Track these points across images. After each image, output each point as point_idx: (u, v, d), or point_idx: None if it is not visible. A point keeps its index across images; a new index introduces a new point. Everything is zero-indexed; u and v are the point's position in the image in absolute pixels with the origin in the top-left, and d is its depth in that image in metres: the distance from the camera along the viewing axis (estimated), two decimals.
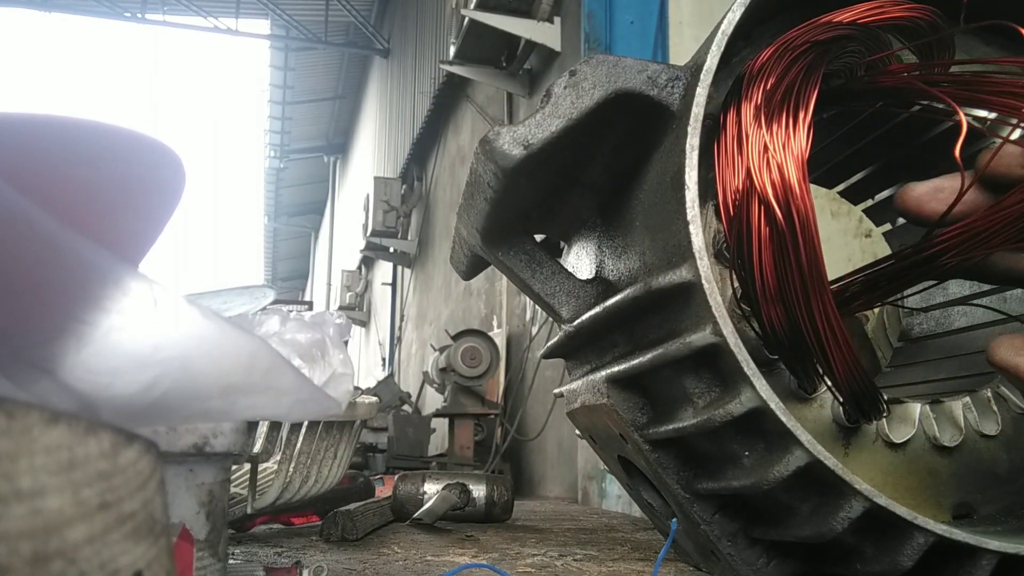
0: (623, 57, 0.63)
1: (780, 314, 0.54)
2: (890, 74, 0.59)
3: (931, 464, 0.63)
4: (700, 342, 0.55)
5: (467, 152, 6.76)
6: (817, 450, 0.53)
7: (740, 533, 0.62)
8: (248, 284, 1.25)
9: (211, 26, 10.70)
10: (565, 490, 4.21)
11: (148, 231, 0.45)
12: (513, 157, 0.61)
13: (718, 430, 0.57)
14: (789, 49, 0.56)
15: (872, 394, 0.58)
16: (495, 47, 5.33)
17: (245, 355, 0.34)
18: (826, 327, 0.53)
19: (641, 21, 3.73)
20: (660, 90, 0.61)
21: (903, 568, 0.54)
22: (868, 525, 0.55)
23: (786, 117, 0.53)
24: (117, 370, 0.31)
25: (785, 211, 0.52)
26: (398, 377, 8.16)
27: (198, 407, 0.34)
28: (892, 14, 0.57)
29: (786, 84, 0.55)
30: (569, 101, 0.61)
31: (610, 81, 0.62)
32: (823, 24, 0.56)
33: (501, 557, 0.80)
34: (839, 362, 0.54)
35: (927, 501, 0.63)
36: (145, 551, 0.23)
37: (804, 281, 0.52)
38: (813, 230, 0.52)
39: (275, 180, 17.22)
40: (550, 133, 0.61)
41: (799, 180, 0.52)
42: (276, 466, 0.80)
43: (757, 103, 0.55)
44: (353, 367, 0.67)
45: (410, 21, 9.40)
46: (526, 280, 0.76)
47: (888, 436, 0.62)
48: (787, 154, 0.52)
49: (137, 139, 0.40)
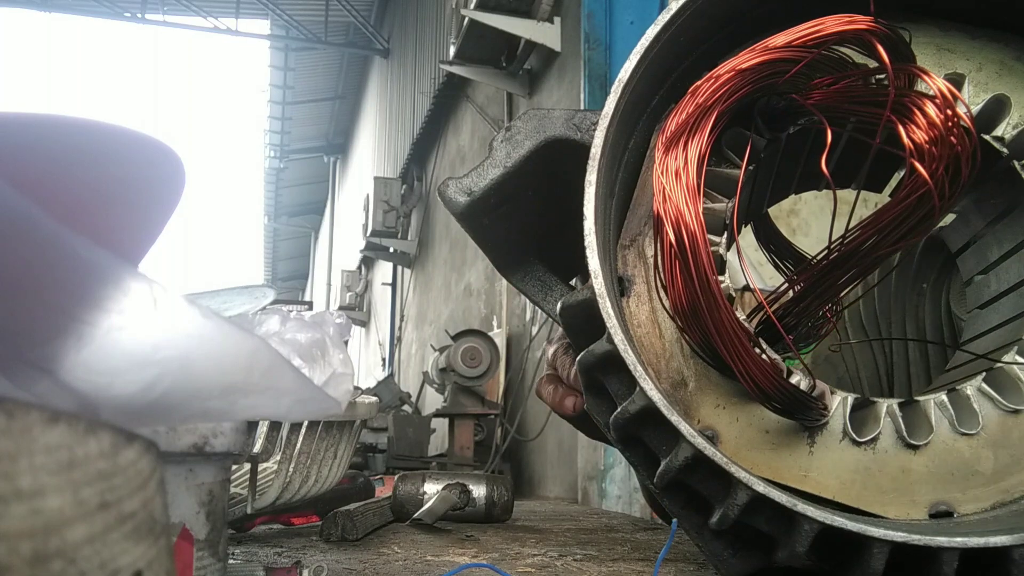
0: (554, 109, 0.72)
1: (695, 328, 0.60)
2: (805, 93, 0.64)
3: (903, 462, 0.64)
4: (599, 349, 0.63)
5: (467, 152, 6.76)
6: (698, 443, 0.58)
7: (704, 526, 0.64)
8: (248, 284, 1.25)
9: (211, 26, 10.71)
10: (565, 490, 4.21)
11: (148, 231, 0.45)
12: (460, 203, 0.71)
13: (628, 425, 0.63)
14: (712, 79, 0.62)
15: (802, 402, 0.61)
16: (495, 47, 5.33)
17: (245, 355, 0.34)
18: (728, 338, 0.59)
19: (641, 21, 3.73)
20: (583, 134, 0.70)
21: (799, 553, 0.57)
22: (774, 515, 0.58)
23: (681, 150, 0.61)
24: (117, 370, 0.31)
25: (677, 235, 0.58)
26: (398, 377, 8.16)
27: (198, 407, 0.34)
28: (829, 31, 0.61)
29: (688, 117, 0.62)
30: (505, 152, 0.71)
31: (539, 132, 0.71)
32: (756, 50, 0.62)
33: (501, 557, 0.80)
34: (750, 371, 0.59)
35: (900, 500, 0.63)
36: (145, 551, 0.23)
37: (703, 298, 0.58)
38: (702, 248, 0.58)
39: (275, 180, 17.22)
40: (490, 180, 0.71)
41: (688, 206, 0.59)
42: (276, 466, 0.80)
43: (666, 136, 0.62)
44: (353, 367, 0.67)
45: (410, 21, 9.39)
46: (539, 303, 0.84)
47: (853, 434, 0.64)
48: (678, 183, 0.60)
49: (137, 139, 0.40)
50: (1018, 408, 0.64)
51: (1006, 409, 0.64)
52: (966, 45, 0.71)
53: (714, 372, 0.66)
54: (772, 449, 0.65)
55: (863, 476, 0.64)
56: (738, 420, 0.66)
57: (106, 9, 9.89)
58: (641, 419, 0.62)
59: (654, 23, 0.66)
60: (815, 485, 0.64)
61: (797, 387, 0.61)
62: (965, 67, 0.70)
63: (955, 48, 0.71)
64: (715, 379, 0.66)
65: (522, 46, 5.07)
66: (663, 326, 0.67)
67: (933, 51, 0.71)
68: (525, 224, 0.79)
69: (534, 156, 0.71)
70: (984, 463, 0.63)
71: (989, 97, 0.68)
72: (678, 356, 0.67)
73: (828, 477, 0.64)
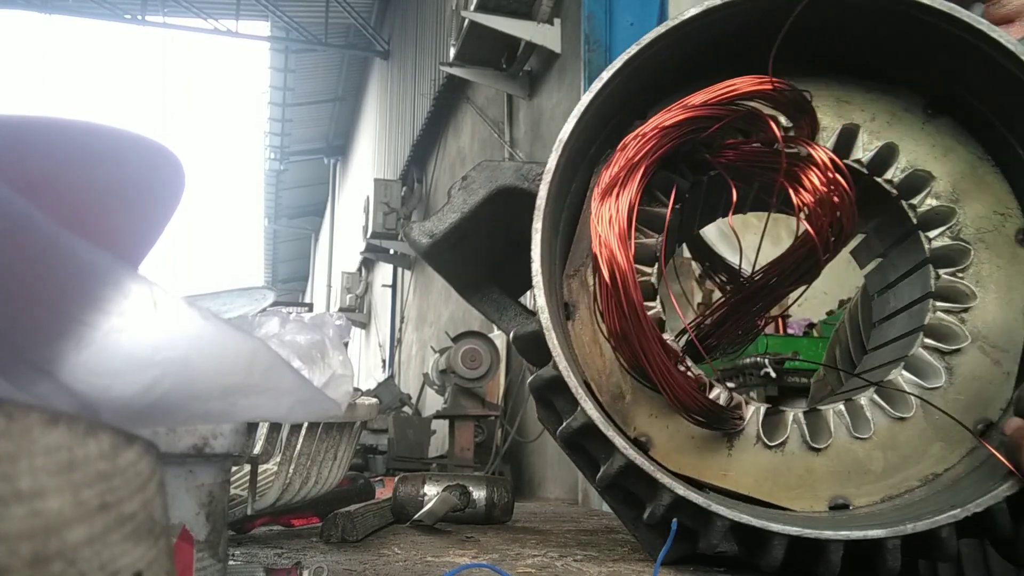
0: (504, 160, 0.84)
1: (627, 351, 0.71)
2: (718, 151, 0.75)
3: (808, 463, 0.75)
4: (547, 374, 0.73)
5: (467, 154, 6.76)
6: (629, 454, 0.69)
7: (639, 519, 0.74)
8: (248, 286, 1.25)
9: (211, 28, 10.70)
10: (565, 491, 4.21)
11: (148, 233, 0.45)
12: (423, 244, 0.83)
13: (572, 436, 0.73)
14: (639, 136, 0.72)
15: (717, 415, 0.72)
16: (495, 49, 5.33)
17: (245, 356, 0.34)
18: (654, 360, 0.69)
19: (641, 23, 3.73)
20: (530, 183, 0.80)
21: (714, 544, 0.68)
22: (694, 512, 0.68)
23: (615, 199, 0.71)
24: (117, 371, 0.31)
25: (610, 273, 0.68)
26: (398, 379, 8.15)
27: (198, 408, 0.34)
28: (741, 90, 0.71)
29: (618, 172, 0.71)
30: (462, 199, 0.82)
31: (491, 181, 0.82)
32: (675, 109, 0.72)
33: (501, 558, 0.80)
34: (672, 388, 0.70)
35: (804, 495, 0.74)
36: (145, 552, 0.23)
37: (632, 326, 0.68)
38: (631, 285, 0.68)
39: (275, 182, 17.20)
40: (449, 224, 0.82)
41: (619, 249, 0.69)
42: (276, 467, 0.80)
43: (601, 188, 0.72)
44: (353, 369, 0.68)
45: (410, 23, 9.39)
46: (496, 321, 0.94)
47: (765, 439, 0.75)
48: (612, 230, 0.70)
49: (137, 141, 0.40)
50: (903, 416, 0.75)
51: (893, 417, 0.75)
52: (861, 97, 0.81)
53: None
54: (697, 452, 0.76)
55: (774, 475, 0.75)
56: (668, 427, 0.76)
57: (106, 11, 9.89)
58: (582, 432, 0.73)
59: (588, 90, 0.76)
60: (733, 483, 0.75)
61: (716, 401, 0.73)
62: (860, 117, 0.80)
63: (852, 99, 0.81)
64: (648, 392, 0.76)
65: (522, 48, 5.07)
66: (603, 346, 0.78)
67: (833, 102, 0.81)
68: (480, 255, 0.91)
69: (487, 202, 0.82)
70: (875, 463, 0.75)
71: (881, 144, 0.78)
72: (617, 372, 0.77)
73: (744, 476, 0.75)
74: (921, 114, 0.80)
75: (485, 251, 0.89)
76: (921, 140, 0.79)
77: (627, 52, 0.75)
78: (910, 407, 0.74)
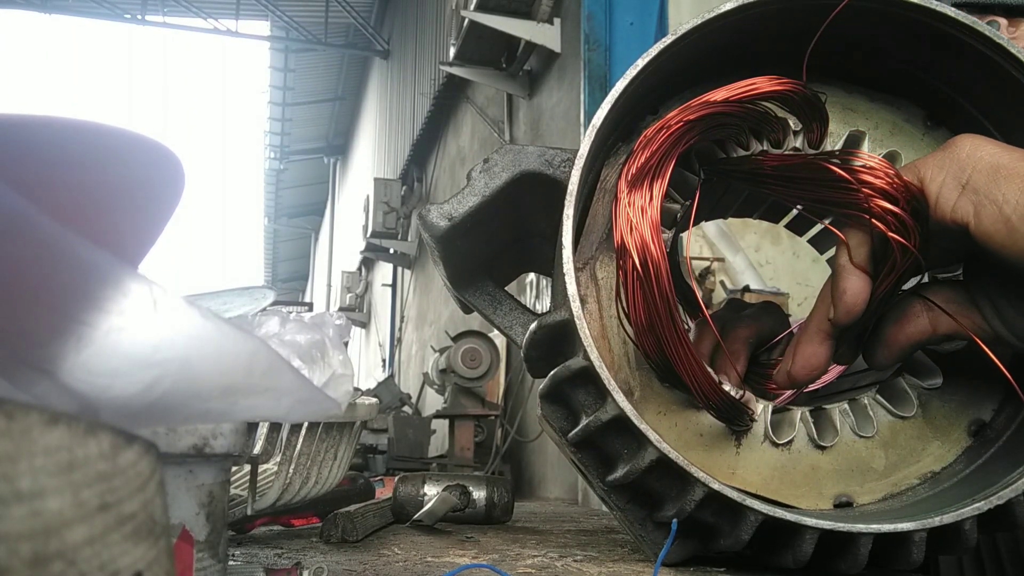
0: (528, 145, 0.81)
1: (652, 343, 0.70)
2: (763, 155, 0.75)
3: (813, 461, 0.75)
4: (575, 365, 0.71)
5: (467, 153, 6.76)
6: (663, 447, 0.67)
7: (647, 518, 0.74)
8: (248, 285, 1.25)
9: (211, 27, 10.71)
10: (565, 491, 4.21)
11: (148, 232, 0.45)
12: (441, 227, 0.79)
13: (598, 433, 0.71)
14: (665, 128, 0.71)
15: (735, 408, 0.72)
16: (495, 48, 5.33)
17: (245, 356, 0.34)
18: (681, 353, 0.68)
19: (641, 22, 3.73)
20: (555, 169, 0.79)
21: (743, 540, 0.67)
22: (721, 508, 0.67)
23: (646, 188, 0.71)
24: (117, 371, 0.31)
25: (643, 262, 0.68)
26: (398, 378, 8.16)
27: (198, 408, 0.34)
28: (761, 90, 0.71)
29: (648, 161, 0.71)
30: (483, 182, 0.79)
31: (515, 165, 0.79)
32: (698, 104, 0.71)
33: (501, 558, 0.80)
34: (697, 381, 0.69)
35: (810, 492, 0.75)
36: (145, 552, 0.23)
37: (660, 316, 0.67)
38: (664, 276, 0.67)
39: (275, 181, 17.22)
40: (469, 208, 0.79)
41: (652, 238, 0.68)
42: (276, 467, 0.80)
43: (630, 176, 0.71)
44: (353, 368, 0.68)
45: (410, 22, 9.40)
46: (489, 316, 0.92)
47: (773, 437, 0.75)
48: (644, 219, 0.69)
49: (136, 140, 0.40)
50: (904, 415, 0.75)
51: (895, 416, 0.75)
52: (866, 106, 0.82)
53: (656, 382, 0.75)
54: (705, 450, 0.75)
55: (781, 473, 0.75)
56: (677, 425, 0.76)
57: (106, 11, 9.90)
58: (608, 427, 0.71)
59: (622, 77, 0.75)
60: (741, 481, 0.74)
61: (731, 395, 0.72)
62: (864, 125, 0.81)
63: (856, 108, 0.82)
64: (657, 388, 0.76)
65: (522, 47, 5.08)
66: (612, 341, 0.77)
67: (839, 110, 0.82)
68: (483, 244, 0.88)
69: (508, 186, 0.79)
70: (877, 461, 0.75)
71: (884, 152, 0.78)
72: (625, 368, 0.76)
73: (752, 474, 0.75)
74: (921, 125, 0.81)
75: (487, 240, 0.87)
76: (921, 150, 0.80)
77: (662, 41, 0.75)
78: (912, 406, 0.75)
